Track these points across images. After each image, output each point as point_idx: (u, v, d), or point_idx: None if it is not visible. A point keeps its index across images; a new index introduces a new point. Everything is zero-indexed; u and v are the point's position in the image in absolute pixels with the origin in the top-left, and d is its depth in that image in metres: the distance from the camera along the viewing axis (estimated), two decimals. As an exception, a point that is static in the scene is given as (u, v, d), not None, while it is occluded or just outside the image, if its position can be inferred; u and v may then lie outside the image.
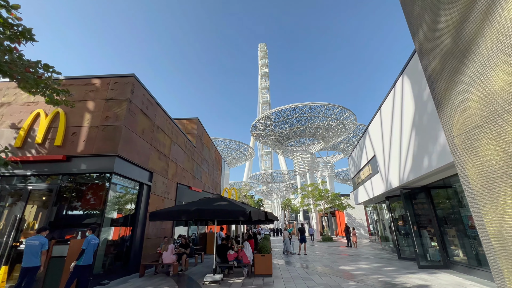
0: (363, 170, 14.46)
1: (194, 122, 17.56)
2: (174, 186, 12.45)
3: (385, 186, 11.09)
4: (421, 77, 7.21)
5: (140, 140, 9.14)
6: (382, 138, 10.89)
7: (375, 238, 23.38)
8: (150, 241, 9.72)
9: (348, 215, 33.03)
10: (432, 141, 6.89)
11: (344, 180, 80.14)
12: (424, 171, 7.44)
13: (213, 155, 22.45)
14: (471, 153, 4.24)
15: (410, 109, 8.02)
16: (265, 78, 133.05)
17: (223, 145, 53.12)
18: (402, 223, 11.73)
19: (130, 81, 8.79)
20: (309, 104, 31.08)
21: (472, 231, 7.71)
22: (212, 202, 6.87)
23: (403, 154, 8.88)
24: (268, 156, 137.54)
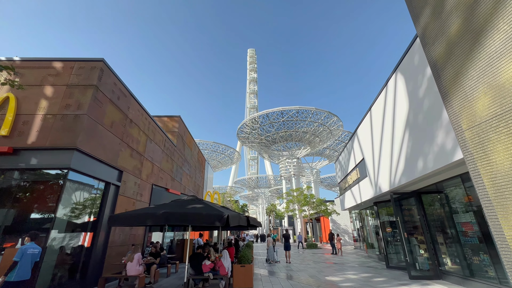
0: (351, 174, 14.00)
1: (175, 120, 16.48)
2: (149, 187, 11.32)
3: (374, 190, 10.60)
4: (416, 73, 6.76)
5: (108, 134, 8.06)
6: (372, 141, 10.43)
7: (360, 245, 23.03)
8: (116, 250, 8.54)
9: (333, 221, 32.71)
10: (428, 141, 6.40)
11: (329, 186, 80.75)
12: (419, 174, 6.93)
13: (196, 156, 21.34)
14: (485, 149, 3.66)
15: (403, 108, 7.56)
16: (253, 83, 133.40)
17: (208, 148, 51.82)
18: (391, 229, 11.26)
19: (98, 66, 7.75)
20: (296, 108, 30.78)
21: (466, 239, 7.26)
22: (185, 205, 5.95)
23: (394, 157, 8.40)
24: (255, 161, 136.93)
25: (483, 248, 6.78)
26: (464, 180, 6.76)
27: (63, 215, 6.60)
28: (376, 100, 9.67)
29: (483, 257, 6.77)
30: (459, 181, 7.00)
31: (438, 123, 5.95)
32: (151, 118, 11.77)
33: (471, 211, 6.99)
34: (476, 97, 3.55)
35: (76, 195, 7.11)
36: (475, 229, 7.00)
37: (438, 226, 8.49)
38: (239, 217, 6.59)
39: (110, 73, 8.29)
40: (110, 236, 8.18)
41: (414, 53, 6.80)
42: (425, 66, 6.34)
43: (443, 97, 4.21)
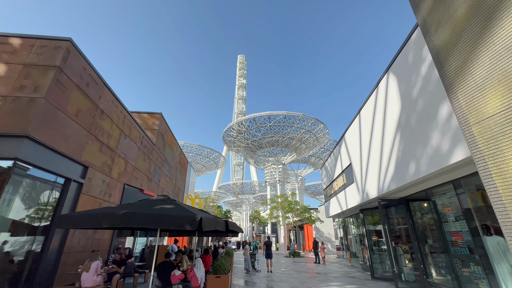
0: (337, 180, 13.62)
1: (156, 117, 15.50)
2: (120, 187, 10.28)
3: (360, 197, 10.20)
4: (410, 72, 6.45)
5: (71, 123, 7.10)
6: (360, 145, 10.09)
7: (343, 254, 22.66)
8: (75, 256, 7.46)
9: (317, 229, 32.35)
10: (421, 143, 6.03)
11: (313, 194, 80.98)
12: (410, 179, 6.54)
13: (177, 157, 20.29)
14: (499, 144, 3.17)
15: (395, 110, 7.22)
16: (242, 89, 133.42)
17: (193, 151, 50.37)
18: (376, 238, 10.87)
19: (64, 46, 6.85)
20: (284, 113, 30.53)
21: (456, 249, 6.92)
22: (152, 205, 5.14)
23: (384, 161, 8.03)
24: (240, 167, 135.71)
25: (473, 259, 6.44)
26: (457, 186, 6.44)
27: (6, 214, 5.55)
28: (366, 102, 9.37)
29: (474, 268, 6.43)
30: (451, 188, 6.68)
31: (433, 124, 5.59)
32: (128, 112, 10.82)
33: (462, 219, 6.67)
34: (489, 86, 3.10)
35: (26, 192, 6.07)
36: (465, 239, 6.67)
37: (427, 235, 8.14)
38: (216, 221, 5.84)
39: (78, 56, 7.39)
40: (67, 240, 7.12)
41: (408, 52, 6.50)
42: (419, 64, 6.03)
43: (447, 89, 3.78)
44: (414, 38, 6.22)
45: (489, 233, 5.90)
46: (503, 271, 5.54)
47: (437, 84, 5.42)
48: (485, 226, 5.98)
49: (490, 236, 5.86)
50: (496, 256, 5.68)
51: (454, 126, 4.93)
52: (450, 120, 5.04)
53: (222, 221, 6.96)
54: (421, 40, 5.91)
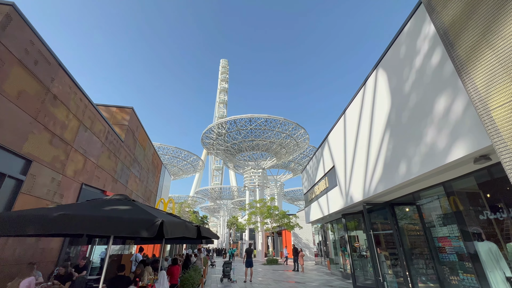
0: (319, 184, 13.15)
1: (126, 112, 14.10)
2: (76, 187, 8.87)
3: (344, 201, 9.73)
4: (402, 66, 6.07)
5: (9, 105, 5.80)
6: (344, 146, 9.67)
7: (321, 261, 22.26)
8: (8, 270, 6.04)
9: (295, 235, 31.88)
10: (413, 142, 5.61)
11: (291, 200, 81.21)
12: (400, 181, 6.09)
13: (150, 158, 18.78)
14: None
15: (384, 108, 6.82)
16: (223, 93, 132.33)
17: (169, 153, 48.16)
18: (359, 244, 10.44)
19: (3, 11, 5.61)
20: (265, 116, 30.07)
21: (443, 255, 6.56)
22: (102, 207, 4.10)
23: (370, 163, 7.59)
24: (219, 172, 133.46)
25: (463, 267, 6.09)
26: (447, 188, 6.09)
27: None
28: (352, 101, 8.99)
29: (463, 276, 6.07)
30: (441, 190, 6.33)
31: (427, 120, 5.18)
32: (90, 101, 9.50)
33: (451, 224, 6.33)
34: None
35: None
36: (454, 245, 6.33)
37: (412, 241, 7.78)
38: (184, 226, 4.91)
39: (23, 26, 6.14)
40: (-4, 250, 5.71)
41: (400, 45, 6.14)
42: (413, 57, 5.66)
43: (459, 71, 3.26)
44: (408, 29, 5.87)
45: (480, 239, 5.58)
46: (496, 279, 5.19)
47: (432, 76, 5.02)
48: (476, 231, 5.66)
49: (482, 241, 5.53)
50: (489, 263, 5.34)
51: (453, 120, 4.51)
52: (448, 114, 4.62)
53: (192, 226, 6.01)
54: (416, 30, 5.55)
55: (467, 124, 4.22)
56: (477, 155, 4.29)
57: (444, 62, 4.70)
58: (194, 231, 6.01)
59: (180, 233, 4.73)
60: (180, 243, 13.86)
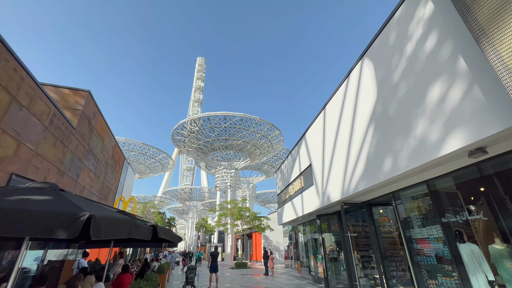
0: (293, 184, 12.61)
1: (81, 96, 12.26)
2: (2, 178, 7.15)
3: (320, 201, 9.22)
4: (391, 54, 5.66)
5: None
6: (323, 143, 9.19)
7: (291, 264, 21.86)
8: None
9: (265, 238, 31.28)
10: (401, 135, 5.17)
11: (263, 203, 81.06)
12: (384, 177, 5.63)
13: (110, 151, 16.79)
14: None
15: (369, 100, 6.39)
16: (199, 91, 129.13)
17: (136, 149, 44.86)
18: (333, 247, 10.01)
19: None
20: (240, 115, 29.21)
21: (422, 258, 6.24)
22: (9, 196, 2.89)
23: (351, 159, 7.12)
24: (190, 172, 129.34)
25: (441, 270, 5.80)
26: (430, 186, 5.78)
27: None
28: (333, 96, 8.54)
29: (442, 280, 5.78)
30: (423, 189, 6.02)
31: (418, 111, 4.75)
32: (29, 74, 7.84)
33: (431, 224, 6.04)
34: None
35: None
36: (432, 247, 6.04)
37: (390, 243, 7.46)
38: (132, 225, 3.85)
39: None
40: None
41: (390, 32, 5.73)
42: (404, 43, 5.25)
43: (478, 38, 2.73)
44: (399, 15, 5.47)
45: (462, 240, 5.31)
46: (478, 283, 4.90)
47: (426, 63, 4.62)
48: (458, 232, 5.39)
49: (464, 243, 5.26)
50: (471, 266, 5.06)
51: (448, 109, 4.09)
52: (443, 103, 4.20)
53: (146, 226, 4.92)
54: (408, 15, 5.15)
55: (465, 113, 3.81)
56: (474, 147, 3.90)
57: (441, 46, 4.29)
58: (148, 232, 4.92)
59: (126, 234, 3.67)
60: (141, 246, 12.33)
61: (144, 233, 4.68)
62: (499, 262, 4.78)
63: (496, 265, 4.82)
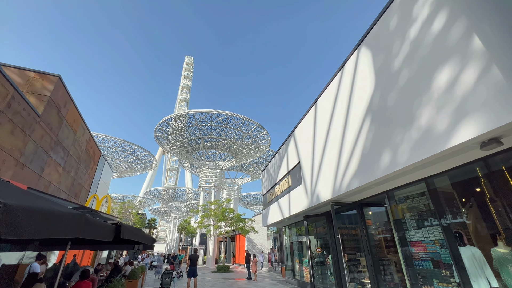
0: (280, 183, 12.03)
1: (49, 80, 11.07)
2: None
3: (309, 200, 8.68)
4: (391, 41, 5.21)
5: None
6: (313, 140, 8.68)
7: (275, 267, 21.25)
8: None
9: (249, 240, 30.51)
10: (402, 127, 4.70)
11: (247, 205, 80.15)
12: (381, 174, 5.15)
13: (84, 145, 15.47)
14: None
15: (366, 91, 5.93)
16: (186, 90, 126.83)
17: (116, 146, 42.70)
18: (321, 250, 9.48)
19: None
20: (227, 113, 28.41)
21: (418, 262, 5.81)
22: None
23: (344, 156, 6.63)
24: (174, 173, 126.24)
25: (438, 275, 5.38)
26: (430, 184, 5.35)
27: None
28: (325, 89, 8.06)
29: (438, 286, 5.35)
30: (422, 187, 5.60)
31: (422, 99, 4.30)
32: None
33: (427, 226, 5.63)
34: None
35: None
36: (429, 250, 5.62)
37: (382, 246, 7.01)
38: (83, 221, 3.06)
39: None
40: None
41: (391, 15, 5.29)
42: (406, 28, 4.81)
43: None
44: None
45: (462, 243, 4.91)
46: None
47: (433, 45, 4.18)
48: (458, 234, 4.99)
49: (464, 246, 4.86)
50: (473, 271, 4.64)
51: (459, 95, 3.64)
52: (452, 88, 3.76)
53: (107, 224, 4.13)
54: (412, -4, 4.71)
55: (479, 98, 3.37)
56: (488, 137, 3.46)
57: (451, 26, 3.86)
58: (108, 232, 4.12)
59: (69, 233, 2.88)
60: (111, 248, 11.18)
61: (102, 233, 3.87)
62: (503, 267, 4.40)
63: (499, 270, 4.44)
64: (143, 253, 48.41)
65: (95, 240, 6.06)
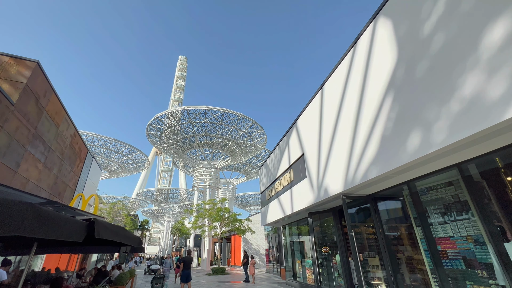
0: (281, 179, 11.21)
1: (26, 66, 10.00)
2: None
3: (315, 195, 7.88)
4: (420, 3, 4.45)
5: None
6: (320, 128, 7.89)
7: (273, 268, 20.41)
8: None
9: (245, 241, 29.60)
10: (438, 99, 3.94)
11: (242, 205, 79.17)
12: (409, 159, 4.37)
13: (68, 140, 14.33)
14: None
15: (385, 65, 5.16)
16: (179, 90, 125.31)
17: (107, 146, 41.20)
18: (328, 249, 8.69)
19: None
20: (223, 110, 27.49)
21: (447, 262, 5.06)
22: None
23: (358, 142, 5.85)
24: (168, 173, 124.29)
25: (473, 276, 4.64)
26: (464, 171, 4.61)
27: None
28: (334, 72, 7.29)
29: (473, 290, 4.61)
30: (450, 176, 4.86)
31: (467, 63, 3.54)
32: None
33: (457, 219, 4.89)
34: None
35: None
36: (459, 248, 4.89)
37: (402, 243, 6.25)
38: (34, 216, 2.17)
39: None
40: None
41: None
42: (440, -16, 4.05)
43: None
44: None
45: (505, 239, 4.19)
46: (532, 295, 3.79)
47: (480, -3, 3.42)
48: (500, 228, 4.27)
49: (508, 242, 4.14)
50: (521, 272, 3.93)
51: (523, 51, 2.88)
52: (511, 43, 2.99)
53: (75, 220, 3.25)
54: None
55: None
56: None
57: (508, -32, 3.11)
58: (77, 231, 3.24)
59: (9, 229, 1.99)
60: (90, 251, 10.14)
61: (65, 231, 2.96)
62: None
63: (555, 271, 3.72)
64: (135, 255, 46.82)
65: (64, 241, 5.11)
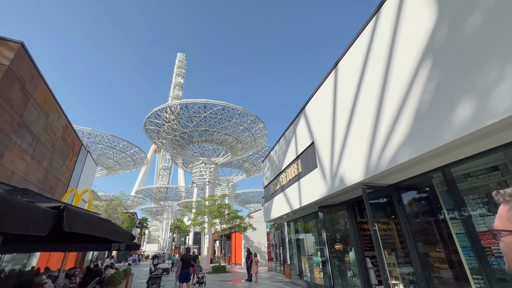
0: (287, 171, 10.42)
1: (8, 47, 9.11)
2: None
3: (328, 186, 7.10)
4: None
5: None
6: (333, 112, 7.08)
7: (275, 266, 19.71)
8: None
9: (246, 238, 28.89)
10: (495, 59, 3.14)
11: (242, 203, 78.60)
12: (455, 136, 3.58)
13: (59, 132, 13.47)
14: None
15: (421, 27, 4.35)
16: (178, 88, 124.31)
17: (104, 142, 40.29)
18: (341, 246, 7.92)
19: None
20: (223, 103, 26.65)
21: (493, 260, 4.30)
22: None
23: (384, 121, 5.06)
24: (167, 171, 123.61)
25: (527, 277, 3.88)
26: (509, 154, 3.83)
27: None
28: (351, 46, 6.47)
29: (529, 293, 3.87)
30: (494, 160, 4.08)
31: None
32: None
33: (506, 211, 4.13)
34: None
35: None
36: (508, 243, 4.13)
37: (432, 239, 5.48)
38: None
39: None
40: None
41: None
42: None
43: None
44: None
45: None
46: None
47: None
48: None
49: None
50: None
51: None
52: None
53: (35, 207, 2.35)
54: None
55: None
56: None
57: None
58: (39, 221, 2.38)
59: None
60: (71, 249, 9.32)
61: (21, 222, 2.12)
62: None
63: None
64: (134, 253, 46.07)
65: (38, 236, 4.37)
